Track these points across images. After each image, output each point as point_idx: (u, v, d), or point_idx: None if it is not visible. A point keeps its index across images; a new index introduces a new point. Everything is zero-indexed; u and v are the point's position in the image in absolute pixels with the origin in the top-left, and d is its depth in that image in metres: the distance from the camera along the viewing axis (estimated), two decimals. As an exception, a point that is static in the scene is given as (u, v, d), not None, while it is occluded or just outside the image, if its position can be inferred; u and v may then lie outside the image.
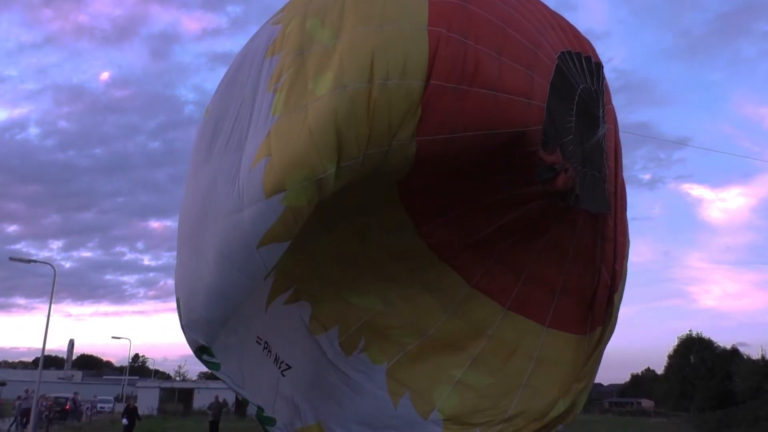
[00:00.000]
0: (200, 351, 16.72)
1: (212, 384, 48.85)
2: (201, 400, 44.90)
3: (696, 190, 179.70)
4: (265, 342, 17.70)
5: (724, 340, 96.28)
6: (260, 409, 17.57)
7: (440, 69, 14.97)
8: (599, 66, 17.37)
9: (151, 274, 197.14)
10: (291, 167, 14.44)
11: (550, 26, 17.02)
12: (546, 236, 17.49)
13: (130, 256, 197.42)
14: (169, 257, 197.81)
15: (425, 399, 17.09)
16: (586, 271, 17.41)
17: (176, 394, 53.00)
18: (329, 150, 14.37)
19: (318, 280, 18.14)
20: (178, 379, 73.47)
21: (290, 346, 17.94)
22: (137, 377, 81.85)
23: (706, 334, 60.68)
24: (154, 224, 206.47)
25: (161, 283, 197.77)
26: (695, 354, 57.92)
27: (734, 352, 57.23)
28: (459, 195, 17.54)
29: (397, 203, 17.88)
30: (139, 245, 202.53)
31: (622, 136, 18.23)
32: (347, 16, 15.50)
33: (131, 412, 22.02)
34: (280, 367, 17.86)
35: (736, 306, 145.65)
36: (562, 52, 16.57)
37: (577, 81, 16.64)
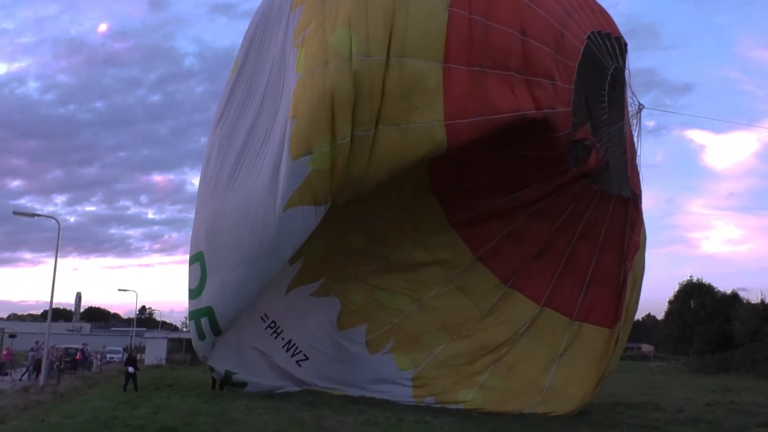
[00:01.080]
0: (201, 313, 16.96)
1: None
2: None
3: (700, 136, 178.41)
4: (273, 321, 17.82)
5: (724, 285, 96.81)
6: (229, 374, 17.89)
7: (459, 52, 14.91)
8: (626, 46, 17.16)
9: (156, 228, 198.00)
10: (314, 130, 14.65)
11: (579, 5, 16.63)
12: (580, 223, 17.39)
13: (134, 210, 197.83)
14: (173, 211, 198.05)
15: (449, 400, 17.46)
16: (614, 261, 17.38)
17: (183, 345, 53.82)
18: (346, 113, 14.54)
19: (349, 275, 18.16)
20: (185, 330, 74.38)
21: (311, 339, 18.11)
22: (145, 329, 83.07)
23: (706, 280, 61.08)
24: (157, 178, 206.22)
25: (166, 236, 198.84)
26: (695, 299, 58.42)
27: (734, 296, 57.68)
28: (493, 184, 17.28)
29: (431, 198, 17.65)
30: (143, 199, 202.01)
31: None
32: None
33: (134, 362, 21.95)
34: (294, 356, 18.03)
35: (737, 252, 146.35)
36: (592, 32, 16.32)
37: (609, 61, 16.40)
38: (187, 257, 19.58)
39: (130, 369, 21.10)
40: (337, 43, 14.67)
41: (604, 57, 16.27)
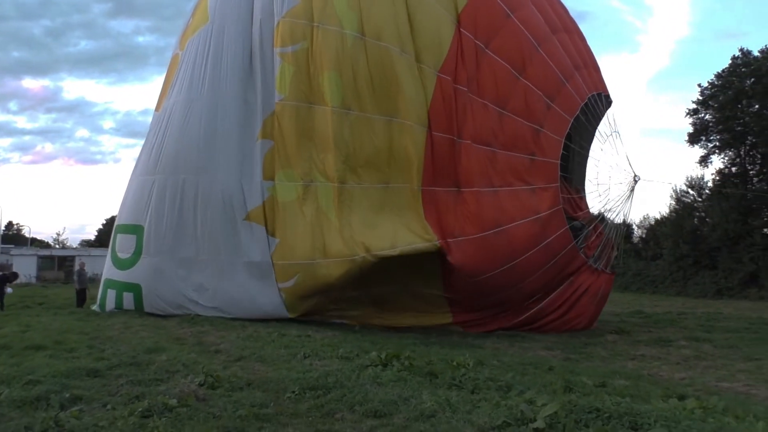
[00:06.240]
0: (126, 287, 17.09)
1: (94, 252, 47.69)
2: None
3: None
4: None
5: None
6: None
7: (440, 120, 15.40)
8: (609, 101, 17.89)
9: (27, 138, 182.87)
10: (284, 160, 15.25)
11: (575, 67, 17.16)
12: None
13: (1, 118, 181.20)
14: (47, 120, 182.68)
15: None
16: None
17: (56, 262, 51.55)
18: (321, 157, 15.13)
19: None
20: (57, 247, 71.13)
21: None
22: (12, 245, 78.19)
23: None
24: (30, 83, 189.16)
25: (38, 147, 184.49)
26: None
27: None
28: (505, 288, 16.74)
29: (444, 305, 17.01)
30: (12, 106, 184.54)
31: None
32: (368, 18, 15.23)
33: (13, 277, 20.85)
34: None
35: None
36: (589, 98, 16.87)
37: (594, 128, 17.64)
38: (66, 169, 18.16)
39: (9, 290, 20.16)
40: (329, 95, 15.03)
41: (592, 123, 17.41)
